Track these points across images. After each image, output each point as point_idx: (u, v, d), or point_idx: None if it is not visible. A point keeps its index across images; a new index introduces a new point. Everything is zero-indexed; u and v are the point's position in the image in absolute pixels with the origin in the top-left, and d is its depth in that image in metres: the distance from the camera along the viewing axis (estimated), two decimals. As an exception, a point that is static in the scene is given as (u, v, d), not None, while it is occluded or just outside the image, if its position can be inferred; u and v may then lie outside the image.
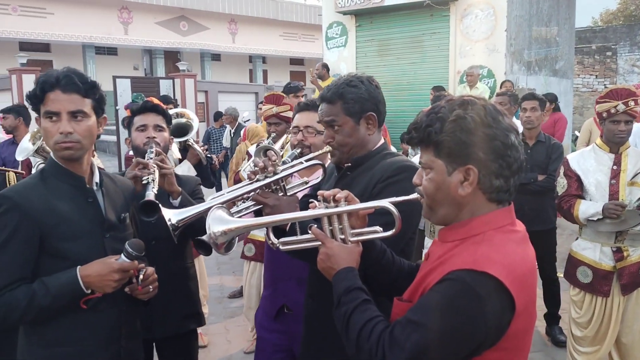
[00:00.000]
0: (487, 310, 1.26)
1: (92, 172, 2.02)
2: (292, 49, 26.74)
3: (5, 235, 1.79)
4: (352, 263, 1.53)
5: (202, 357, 4.49)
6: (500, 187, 1.40)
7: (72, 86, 1.86)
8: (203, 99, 16.33)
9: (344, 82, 2.04)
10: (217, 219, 1.63)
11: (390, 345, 1.31)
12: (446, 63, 9.22)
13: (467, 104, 1.40)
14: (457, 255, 1.36)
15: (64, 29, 20.29)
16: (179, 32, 23.76)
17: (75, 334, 1.89)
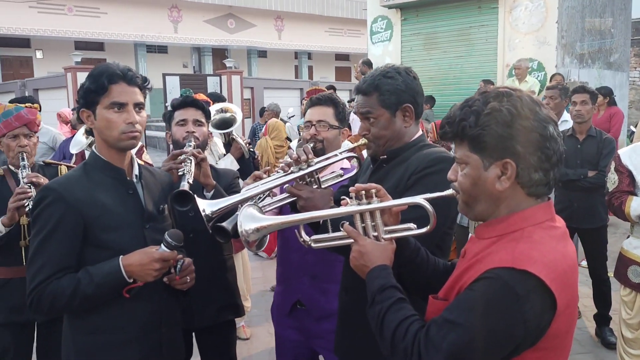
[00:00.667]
0: (526, 309, 1.22)
1: (131, 164, 2.07)
2: (338, 45, 26.70)
3: (51, 225, 1.85)
4: (386, 261, 1.50)
5: (244, 350, 4.58)
6: (540, 180, 1.35)
7: (135, 80, 1.96)
8: (249, 95, 16.52)
9: (380, 74, 1.99)
10: (248, 216, 1.63)
11: (426, 345, 1.27)
12: (494, 56, 9.02)
13: (503, 95, 1.35)
14: (495, 253, 1.32)
15: (116, 28, 20.89)
16: (227, 29, 24.10)
17: (117, 322, 1.94)
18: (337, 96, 2.57)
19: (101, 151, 2.00)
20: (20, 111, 2.98)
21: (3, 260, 2.90)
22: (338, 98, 2.56)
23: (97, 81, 1.90)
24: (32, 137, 3.03)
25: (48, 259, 1.85)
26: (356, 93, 2.07)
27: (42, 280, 1.83)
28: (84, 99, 1.94)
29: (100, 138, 1.99)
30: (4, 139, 2.99)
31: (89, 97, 1.92)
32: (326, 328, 2.49)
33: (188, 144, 2.50)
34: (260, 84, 17.39)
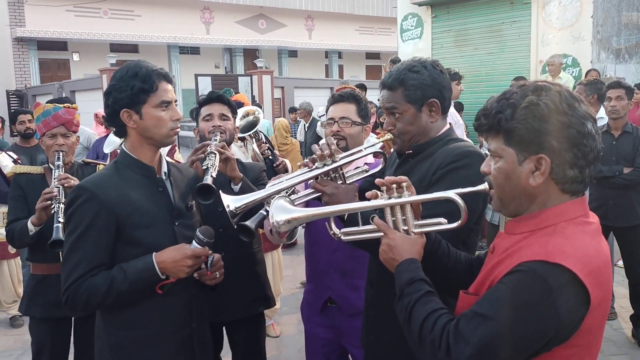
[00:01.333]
0: (559, 303, 1.20)
1: (160, 162, 2.11)
2: (368, 43, 26.61)
3: (85, 224, 1.89)
4: (415, 255, 1.49)
5: (274, 347, 4.62)
6: (575, 177, 1.32)
7: (171, 79, 2.04)
8: (279, 94, 16.61)
9: (406, 68, 1.96)
10: (279, 207, 1.65)
11: (455, 338, 1.26)
12: (527, 52, 8.85)
13: (541, 89, 1.33)
14: (526, 247, 1.30)
15: (150, 30, 21.25)
16: (258, 30, 24.27)
17: (150, 318, 1.97)
18: (360, 93, 2.57)
19: (132, 150, 2.04)
20: (58, 111, 3.06)
21: (41, 257, 2.99)
22: (360, 94, 2.55)
23: (147, 81, 1.95)
24: (71, 136, 3.11)
25: (83, 256, 1.89)
26: (381, 88, 2.03)
27: (77, 277, 1.87)
28: (130, 98, 1.95)
29: (140, 137, 2.01)
30: (44, 138, 3.08)
31: (138, 97, 1.95)
32: (357, 325, 2.47)
33: (214, 138, 2.54)
34: (290, 83, 17.47)
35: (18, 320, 5.20)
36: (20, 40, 19.00)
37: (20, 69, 19.16)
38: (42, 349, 3.10)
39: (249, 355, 2.81)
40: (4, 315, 5.32)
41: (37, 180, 3.10)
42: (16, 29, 18.69)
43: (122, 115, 1.98)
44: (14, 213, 3.05)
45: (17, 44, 19.04)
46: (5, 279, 5.12)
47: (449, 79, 2.02)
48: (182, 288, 2.01)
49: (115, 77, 2.01)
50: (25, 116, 5.61)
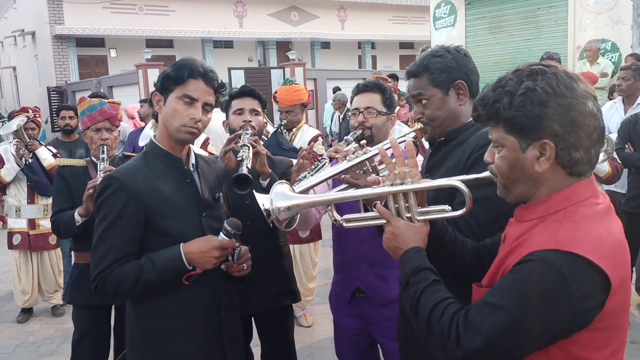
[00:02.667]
0: (573, 291, 1.18)
1: (188, 154, 2.14)
2: (402, 33, 26.30)
3: (115, 213, 1.93)
4: (420, 242, 1.47)
5: (306, 337, 4.66)
6: (581, 159, 1.30)
7: (213, 81, 2.03)
8: (312, 86, 16.59)
9: (429, 54, 1.96)
10: (279, 194, 1.61)
11: (465, 328, 1.24)
12: (564, 38, 8.63)
13: (536, 73, 1.30)
14: (537, 235, 1.28)
15: (184, 25, 21.47)
16: (290, 22, 24.27)
17: (179, 306, 2.01)
18: (384, 82, 2.56)
19: (161, 140, 2.07)
20: (104, 106, 3.18)
21: (84, 247, 3.09)
22: (385, 84, 2.55)
23: (178, 71, 1.98)
24: (114, 131, 3.23)
25: (112, 245, 1.92)
26: (407, 77, 2.03)
27: (107, 266, 1.91)
28: (161, 83, 2.02)
29: (162, 125, 2.05)
30: (88, 131, 3.19)
31: (165, 83, 2.00)
32: (386, 315, 2.48)
33: (245, 133, 2.56)
34: (323, 75, 17.44)
35: (59, 310, 5.38)
36: (59, 37, 19.47)
37: (60, 65, 19.64)
38: (83, 336, 3.21)
39: (278, 346, 2.84)
40: (46, 304, 5.51)
41: (79, 172, 3.22)
42: (55, 26, 19.16)
43: (153, 98, 2.04)
44: (59, 204, 3.17)
45: (57, 42, 19.52)
46: (47, 269, 5.30)
47: (474, 64, 1.99)
48: (211, 279, 2.04)
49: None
50: (67, 112, 5.77)
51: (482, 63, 9.25)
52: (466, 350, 1.23)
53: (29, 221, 5.15)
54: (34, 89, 21.76)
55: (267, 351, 2.88)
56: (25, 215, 5.16)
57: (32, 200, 5.18)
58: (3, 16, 25.06)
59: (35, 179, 5.02)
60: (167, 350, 2.01)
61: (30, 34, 21.21)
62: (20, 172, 5.05)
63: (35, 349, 4.66)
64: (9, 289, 6.00)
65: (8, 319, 5.35)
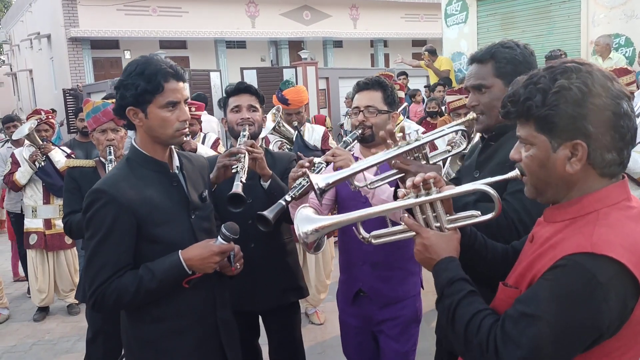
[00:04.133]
0: (609, 297, 1.15)
1: (171, 156, 2.09)
2: (415, 30, 26.17)
3: (106, 227, 1.87)
4: (452, 252, 1.44)
5: (318, 335, 4.68)
6: (613, 160, 1.27)
7: (182, 76, 1.97)
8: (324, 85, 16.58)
9: (498, 44, 1.95)
10: (304, 218, 1.60)
11: (504, 341, 1.21)
12: (577, 33, 8.55)
13: (571, 71, 1.27)
14: (570, 238, 1.24)
15: (198, 26, 21.56)
16: (302, 21, 24.27)
17: (176, 310, 2.00)
18: (386, 79, 2.50)
19: (143, 146, 2.01)
20: (107, 107, 3.20)
21: None
22: (386, 81, 2.49)
23: (152, 81, 1.88)
24: (119, 131, 3.26)
25: (107, 260, 1.88)
26: (470, 62, 2.01)
27: (104, 280, 1.87)
28: (135, 98, 1.90)
29: (147, 135, 1.98)
30: (95, 133, 3.23)
31: (142, 97, 1.90)
32: (388, 316, 2.49)
33: (242, 134, 2.55)
34: (335, 73, 17.40)
35: (75, 308, 5.46)
36: (74, 40, 19.67)
37: (75, 68, 19.84)
38: (97, 334, 3.26)
39: (285, 344, 2.86)
40: (62, 303, 5.60)
41: (89, 173, 3.26)
42: (70, 29, 19.36)
43: (128, 113, 1.95)
44: (70, 205, 3.20)
45: (72, 44, 19.72)
46: (63, 269, 5.38)
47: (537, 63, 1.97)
48: (205, 280, 2.03)
49: (125, 71, 1.96)
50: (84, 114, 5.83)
51: (494, 60, 9.21)
52: None
53: (45, 221, 5.23)
54: (50, 91, 22.00)
55: (274, 348, 2.90)
56: (41, 215, 5.24)
57: (47, 201, 5.26)
58: (19, 20, 25.38)
59: (49, 181, 5.09)
60: (165, 354, 2.00)
61: (45, 36, 21.46)
62: (34, 174, 5.12)
63: (51, 347, 4.74)
64: (24, 289, 6.10)
65: (25, 317, 5.44)
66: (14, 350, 4.71)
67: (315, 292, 4.84)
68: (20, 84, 28.26)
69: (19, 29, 25.82)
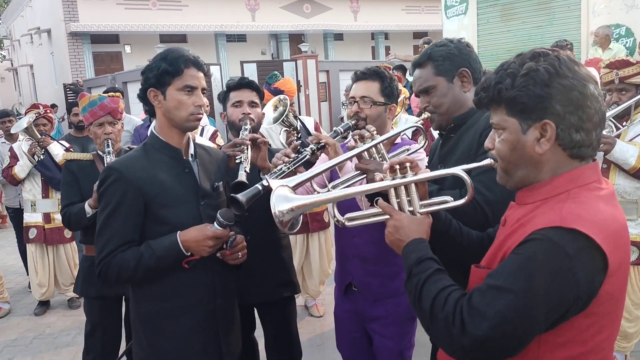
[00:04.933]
0: (578, 270, 1.17)
1: (188, 144, 2.19)
2: (415, 23, 26.09)
3: (115, 202, 2.00)
4: (422, 234, 1.47)
5: (317, 327, 4.69)
6: (582, 141, 1.30)
7: (203, 67, 2.10)
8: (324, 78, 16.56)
9: (432, 45, 2.01)
10: (281, 197, 1.61)
11: (470, 313, 1.22)
12: (577, 24, 8.48)
13: (539, 55, 1.32)
14: (540, 215, 1.27)
15: (198, 20, 21.54)
16: (303, 14, 24.21)
17: (175, 290, 2.08)
18: (385, 70, 2.46)
19: (161, 132, 2.13)
20: (104, 100, 3.23)
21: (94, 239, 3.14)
22: (386, 71, 2.45)
23: (174, 64, 2.02)
24: (116, 124, 3.28)
25: (113, 233, 2.00)
26: (413, 69, 2.06)
27: (109, 252, 1.99)
28: (156, 79, 2.05)
29: (165, 118, 2.10)
30: (92, 127, 3.25)
31: (162, 78, 2.04)
32: (379, 313, 2.47)
33: (244, 128, 2.56)
34: (335, 66, 17.38)
35: (75, 302, 5.48)
36: (74, 34, 19.66)
37: (75, 62, 19.85)
38: (95, 327, 3.28)
39: (281, 337, 2.87)
40: (62, 297, 5.62)
41: (87, 166, 3.28)
42: (70, 24, 19.35)
43: (149, 94, 2.08)
44: (68, 197, 3.23)
45: (72, 39, 19.71)
46: (63, 262, 5.39)
47: (476, 54, 2.02)
48: (206, 266, 2.10)
49: (152, 59, 2.12)
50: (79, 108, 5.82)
51: (494, 51, 9.17)
52: (472, 336, 1.20)
53: (44, 215, 5.24)
54: (50, 86, 22.03)
55: (270, 341, 2.91)
56: (40, 209, 5.25)
57: (46, 195, 5.27)
58: (19, 15, 25.37)
59: (49, 174, 5.09)
60: (163, 333, 2.09)
61: (46, 31, 21.46)
62: (34, 168, 5.13)
63: (52, 340, 4.76)
64: (25, 284, 6.12)
65: (25, 312, 5.47)
66: (14, 344, 4.73)
67: (317, 283, 4.85)
68: (21, 79, 28.28)
69: (19, 24, 25.81)
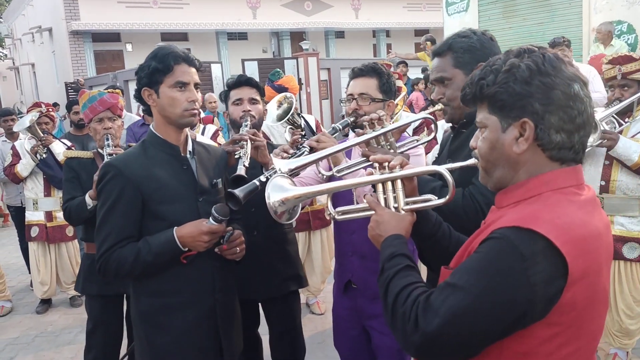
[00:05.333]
0: (531, 272, 1.13)
1: (186, 141, 2.20)
2: (417, 20, 26.04)
3: (113, 198, 2.02)
4: (401, 231, 1.46)
5: (319, 325, 4.70)
6: (562, 143, 1.25)
7: (194, 62, 2.10)
8: (326, 76, 16.56)
9: (455, 34, 1.96)
10: (276, 187, 1.61)
11: (425, 309, 1.20)
12: (579, 21, 8.46)
13: (524, 52, 1.29)
14: (504, 216, 1.24)
15: (199, 18, 21.52)
16: (304, 12, 24.18)
17: (173, 286, 2.09)
18: (382, 66, 2.45)
19: (158, 129, 2.14)
20: (103, 96, 3.23)
21: None
22: (383, 67, 2.44)
23: (163, 61, 2.03)
24: (116, 120, 3.29)
25: (112, 229, 2.02)
26: (432, 57, 2.03)
27: (108, 248, 2.01)
28: (148, 78, 2.06)
29: (160, 116, 2.11)
30: (92, 123, 3.25)
31: (154, 77, 2.05)
32: (379, 310, 2.43)
33: (244, 124, 2.58)
34: (336, 64, 17.37)
35: (77, 300, 5.49)
36: (75, 33, 19.67)
37: (77, 61, 19.86)
38: (97, 325, 3.28)
39: (285, 332, 2.88)
40: (64, 295, 5.63)
41: (87, 164, 3.29)
42: (71, 22, 19.35)
43: (143, 94, 2.09)
44: (69, 193, 3.26)
45: (73, 37, 19.72)
46: (65, 261, 5.40)
47: (499, 48, 1.97)
48: (204, 261, 2.12)
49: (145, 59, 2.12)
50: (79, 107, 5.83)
51: (496, 48, 9.15)
52: (423, 333, 1.18)
53: (46, 213, 5.25)
54: (52, 84, 22.04)
55: (274, 337, 2.91)
56: (42, 207, 5.26)
57: (48, 193, 5.27)
58: (21, 13, 25.38)
59: (50, 173, 5.10)
60: (162, 328, 2.10)
61: (47, 30, 21.47)
62: (36, 167, 5.13)
63: (53, 338, 4.77)
64: (27, 282, 6.13)
65: (28, 310, 5.48)
66: (16, 342, 4.74)
67: (319, 280, 4.86)
68: (23, 77, 28.30)
69: (20, 22, 25.83)
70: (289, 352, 2.91)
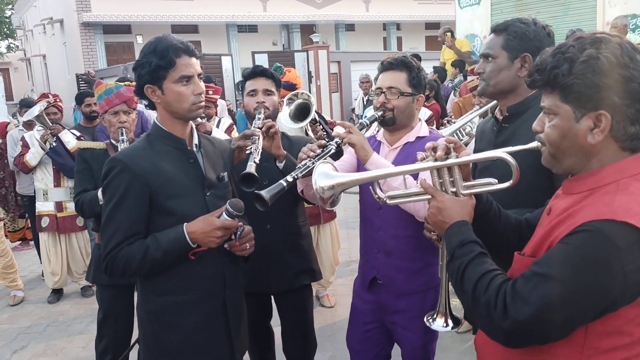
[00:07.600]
0: (627, 263, 1.15)
1: (191, 135, 2.14)
2: (428, 13, 25.87)
3: (120, 194, 1.95)
4: (465, 216, 1.47)
5: (328, 317, 4.70)
6: (636, 134, 1.27)
7: (194, 52, 2.03)
8: (336, 69, 16.51)
9: (517, 18, 2.00)
10: (322, 174, 1.65)
11: (513, 298, 1.22)
12: (593, 14, 8.39)
13: (600, 41, 1.26)
14: (589, 206, 1.24)
15: (209, 10, 21.51)
16: (314, 4, 24.10)
17: (183, 284, 2.04)
18: (413, 59, 2.39)
19: (163, 123, 2.07)
20: (120, 89, 3.22)
21: None
22: (413, 61, 2.38)
23: (164, 57, 1.94)
24: (131, 113, 3.28)
25: (119, 225, 1.96)
26: (490, 32, 2.09)
27: (115, 245, 1.94)
28: (150, 75, 1.97)
29: (166, 111, 2.04)
30: (106, 115, 3.25)
31: (156, 73, 1.96)
32: (403, 307, 2.43)
33: (258, 116, 2.55)
34: (347, 57, 17.32)
35: (88, 290, 5.52)
36: (87, 25, 19.73)
37: (88, 53, 19.94)
38: (107, 314, 3.29)
39: (297, 325, 2.87)
40: (75, 285, 5.66)
41: (100, 155, 3.29)
42: (82, 14, 19.41)
43: (146, 91, 2.02)
44: (82, 185, 3.25)
45: (84, 29, 19.79)
46: (75, 251, 5.42)
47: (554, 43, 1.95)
48: (214, 257, 2.06)
49: (140, 53, 2.02)
50: (91, 99, 5.85)
51: (508, 42, 9.06)
52: (514, 320, 1.22)
53: (56, 204, 5.27)
54: (63, 76, 22.14)
55: (286, 330, 2.90)
56: (52, 198, 5.28)
57: (58, 184, 5.29)
58: (32, 5, 25.49)
59: (61, 161, 5.12)
60: (172, 327, 2.05)
61: (58, 21, 21.54)
62: (45, 156, 5.15)
63: (65, 328, 4.80)
64: (39, 272, 6.18)
65: (39, 299, 5.52)
66: (28, 331, 4.77)
67: (329, 273, 4.85)
68: (34, 69, 28.46)
69: (32, 14, 25.94)
70: (301, 345, 2.90)
